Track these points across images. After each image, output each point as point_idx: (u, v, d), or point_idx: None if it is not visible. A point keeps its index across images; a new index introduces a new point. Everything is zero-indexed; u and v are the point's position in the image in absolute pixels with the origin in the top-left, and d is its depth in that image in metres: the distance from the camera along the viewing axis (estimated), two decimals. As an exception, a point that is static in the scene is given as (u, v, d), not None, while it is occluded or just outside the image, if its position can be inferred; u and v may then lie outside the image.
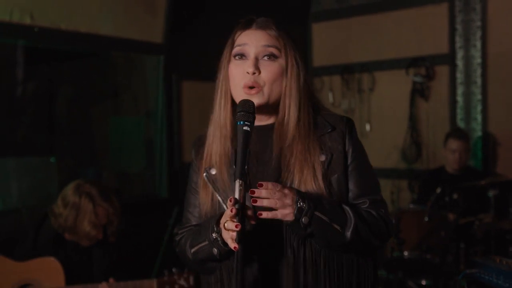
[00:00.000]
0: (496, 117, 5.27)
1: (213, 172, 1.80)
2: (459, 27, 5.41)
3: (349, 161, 1.78)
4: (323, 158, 1.74)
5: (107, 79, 5.33)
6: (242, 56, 1.80)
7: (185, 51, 4.96)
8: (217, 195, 1.78)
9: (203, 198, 1.83)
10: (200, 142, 1.90)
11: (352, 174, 1.77)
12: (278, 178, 1.73)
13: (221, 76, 1.84)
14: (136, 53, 4.83)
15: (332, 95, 6.15)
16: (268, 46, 1.78)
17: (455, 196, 4.02)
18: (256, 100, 1.74)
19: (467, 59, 5.37)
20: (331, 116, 1.83)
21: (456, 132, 4.79)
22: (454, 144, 4.69)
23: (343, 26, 6.14)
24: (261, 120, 1.82)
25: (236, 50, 1.81)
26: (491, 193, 4.16)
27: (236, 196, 1.53)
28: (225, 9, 4.86)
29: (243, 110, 1.66)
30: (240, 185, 1.54)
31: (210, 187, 1.79)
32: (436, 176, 4.81)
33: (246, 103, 1.69)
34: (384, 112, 5.86)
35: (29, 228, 3.42)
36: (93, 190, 3.24)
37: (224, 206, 1.74)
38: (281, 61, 1.79)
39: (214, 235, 1.69)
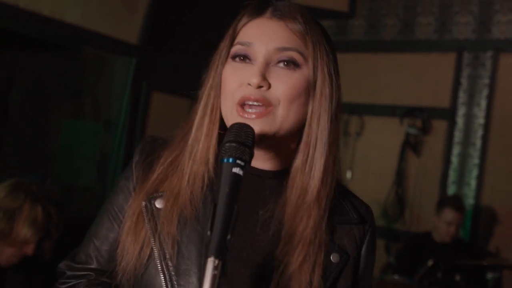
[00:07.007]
0: (492, 186, 4.88)
1: (159, 205, 1.18)
2: (464, 81, 5.08)
3: (360, 272, 1.26)
4: (336, 258, 1.20)
5: (71, 77, 4.91)
6: (245, 58, 1.18)
7: (161, 58, 4.55)
8: (153, 245, 1.16)
9: (127, 240, 1.19)
10: (153, 148, 1.29)
11: None
12: (270, 260, 1.15)
13: (208, 83, 1.22)
14: (105, 50, 4.42)
15: (314, 134, 5.71)
16: (286, 48, 1.17)
17: (457, 278, 3.54)
18: (260, 126, 1.13)
19: (469, 117, 5.03)
20: (356, 199, 1.30)
21: (455, 202, 4.29)
22: (450, 215, 4.23)
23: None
24: (255, 161, 1.17)
25: (236, 49, 1.19)
26: (490, 276, 3.76)
27: (207, 285, 0.89)
28: (213, 22, 4.41)
29: (235, 141, 1.04)
30: (215, 268, 0.90)
31: (148, 227, 1.17)
32: (421, 244, 4.38)
33: (241, 128, 1.08)
34: (369, 161, 5.48)
35: None
36: (37, 190, 2.71)
37: (159, 269, 1.14)
38: (305, 71, 1.18)
39: None
